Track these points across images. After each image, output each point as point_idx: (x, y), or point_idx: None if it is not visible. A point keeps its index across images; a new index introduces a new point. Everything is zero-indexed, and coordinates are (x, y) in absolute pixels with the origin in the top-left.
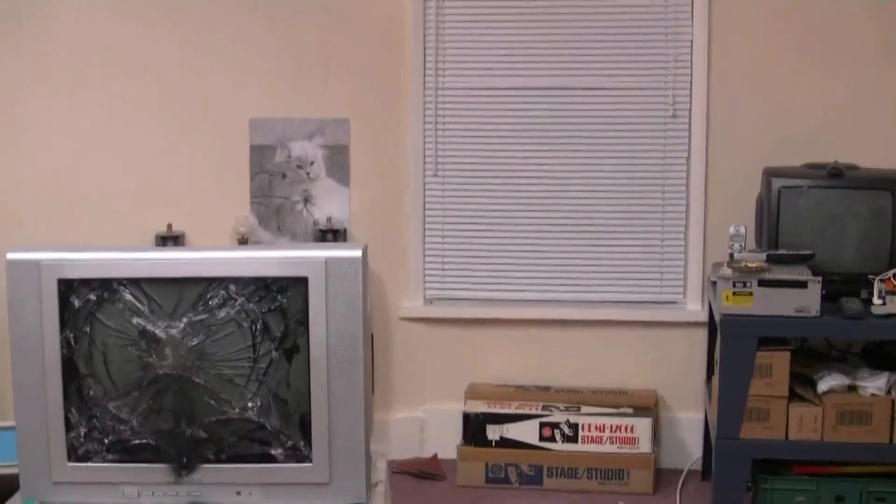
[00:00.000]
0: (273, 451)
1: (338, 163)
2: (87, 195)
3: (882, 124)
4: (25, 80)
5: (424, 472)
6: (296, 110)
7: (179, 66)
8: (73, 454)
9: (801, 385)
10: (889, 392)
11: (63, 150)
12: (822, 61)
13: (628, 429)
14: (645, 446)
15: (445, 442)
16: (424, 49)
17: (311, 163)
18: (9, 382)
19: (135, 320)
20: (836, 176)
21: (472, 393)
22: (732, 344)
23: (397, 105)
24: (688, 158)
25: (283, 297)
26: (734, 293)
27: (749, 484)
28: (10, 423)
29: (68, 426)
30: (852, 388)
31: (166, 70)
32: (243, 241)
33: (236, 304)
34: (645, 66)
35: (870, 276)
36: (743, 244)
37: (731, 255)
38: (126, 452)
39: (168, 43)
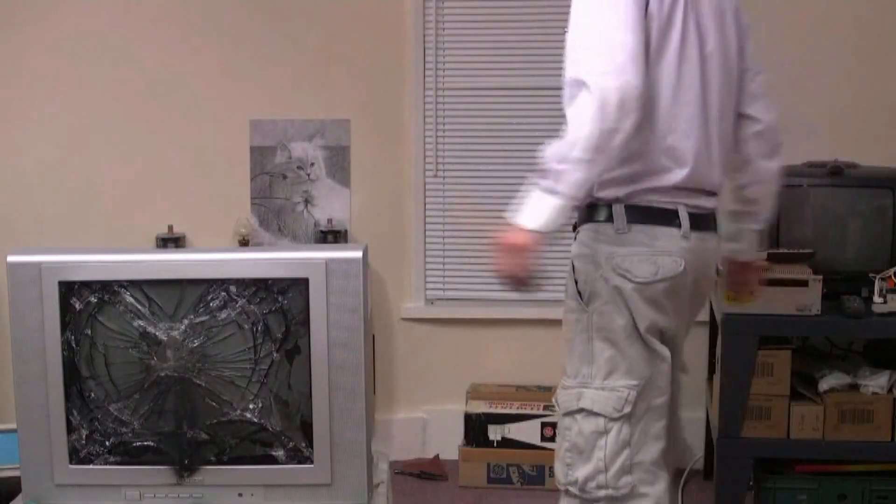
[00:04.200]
0: (274, 453)
1: (338, 164)
2: (87, 197)
3: (882, 123)
4: (25, 81)
5: (426, 472)
6: (296, 111)
7: (179, 67)
8: (75, 456)
9: (802, 384)
10: (890, 390)
11: (63, 152)
12: (822, 59)
13: None
14: None
15: (447, 442)
16: (424, 49)
17: (312, 164)
18: (10, 385)
19: (136, 322)
20: (837, 174)
21: (474, 393)
22: (733, 343)
23: (397, 105)
24: None
25: (283, 299)
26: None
27: (751, 483)
28: (12, 425)
29: (70, 428)
30: (853, 387)
31: (166, 70)
32: (244, 243)
33: (237, 305)
34: None
35: (871, 275)
36: None
37: None
38: (128, 454)
39: (168, 43)
